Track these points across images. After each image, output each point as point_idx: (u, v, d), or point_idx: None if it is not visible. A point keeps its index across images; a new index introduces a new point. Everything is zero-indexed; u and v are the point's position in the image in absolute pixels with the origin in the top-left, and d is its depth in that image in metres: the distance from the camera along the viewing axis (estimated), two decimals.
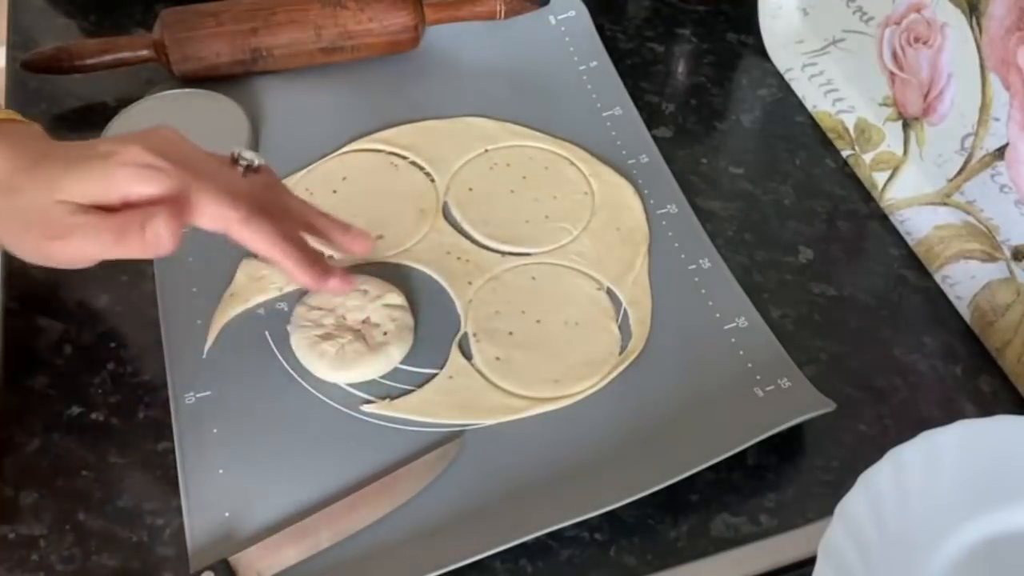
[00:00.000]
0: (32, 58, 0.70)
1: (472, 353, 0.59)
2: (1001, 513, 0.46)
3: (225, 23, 0.69)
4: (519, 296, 0.61)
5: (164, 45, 0.69)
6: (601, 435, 0.55)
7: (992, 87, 0.58)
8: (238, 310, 0.59)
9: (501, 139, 0.69)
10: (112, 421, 0.55)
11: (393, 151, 0.68)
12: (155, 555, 0.51)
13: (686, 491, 0.53)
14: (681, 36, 0.79)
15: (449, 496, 0.53)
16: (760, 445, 0.54)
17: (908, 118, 0.66)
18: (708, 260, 0.63)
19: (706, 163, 0.70)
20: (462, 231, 0.65)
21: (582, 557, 0.52)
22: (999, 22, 0.56)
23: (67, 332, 0.59)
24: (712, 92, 0.75)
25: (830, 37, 0.72)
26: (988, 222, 0.61)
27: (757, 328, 0.60)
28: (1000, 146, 0.58)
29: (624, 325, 0.60)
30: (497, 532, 0.50)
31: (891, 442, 0.47)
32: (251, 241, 0.50)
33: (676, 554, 0.52)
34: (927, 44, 0.62)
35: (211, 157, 0.52)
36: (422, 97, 0.72)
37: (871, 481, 0.46)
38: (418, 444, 0.55)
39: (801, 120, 0.73)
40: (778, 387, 0.57)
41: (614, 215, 0.65)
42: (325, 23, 0.70)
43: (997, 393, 0.59)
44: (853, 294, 0.63)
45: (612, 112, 0.72)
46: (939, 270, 0.64)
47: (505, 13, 0.74)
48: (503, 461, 0.54)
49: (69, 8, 0.78)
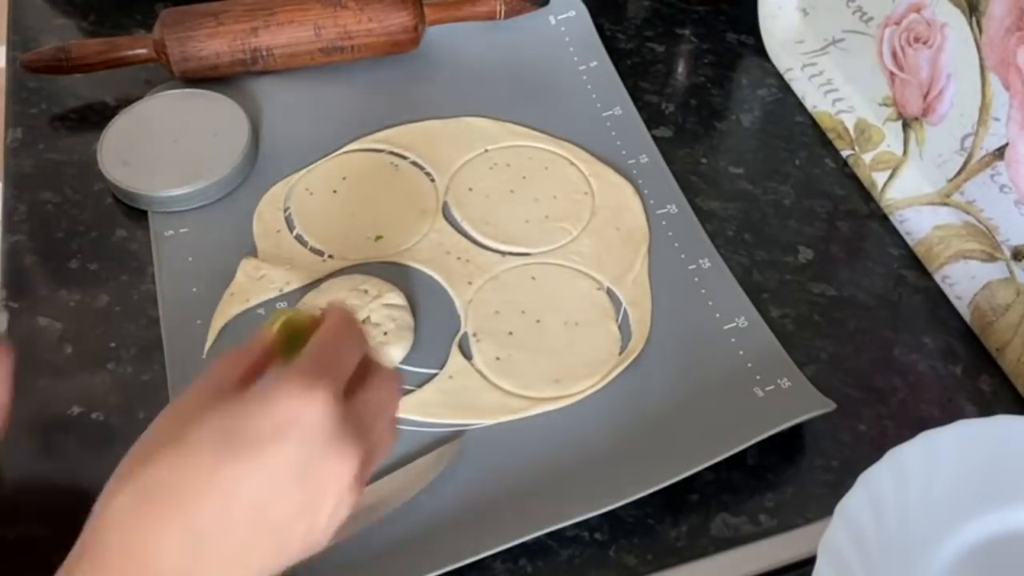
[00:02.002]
0: (32, 58, 0.70)
1: (472, 353, 0.59)
2: (1001, 513, 0.46)
3: (225, 23, 0.69)
4: (519, 296, 0.61)
5: (164, 45, 0.69)
6: (601, 435, 0.55)
7: (992, 87, 0.58)
8: (238, 310, 0.59)
9: (501, 139, 0.69)
10: (112, 421, 0.55)
11: (393, 151, 0.68)
12: None
13: (686, 491, 0.53)
14: (681, 36, 0.79)
15: (449, 496, 0.53)
16: (760, 445, 0.54)
17: (908, 118, 0.66)
18: (708, 260, 0.63)
19: (706, 163, 0.70)
20: (462, 231, 0.65)
21: (582, 557, 0.52)
22: (999, 22, 0.56)
23: (67, 332, 0.59)
24: (712, 92, 0.75)
25: (830, 37, 0.72)
26: (988, 222, 0.61)
27: (757, 328, 0.60)
28: (1000, 146, 0.58)
29: (624, 325, 0.60)
30: (497, 532, 0.50)
31: (891, 442, 0.47)
32: None
33: (676, 554, 0.52)
34: (927, 44, 0.62)
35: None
36: (422, 97, 0.72)
37: (871, 481, 0.46)
38: (418, 444, 0.55)
39: (801, 120, 0.73)
40: (778, 387, 0.57)
41: (614, 215, 0.65)
42: (325, 23, 0.70)
43: (997, 393, 0.59)
44: (853, 294, 0.63)
45: (612, 112, 0.72)
46: (939, 270, 0.64)
47: (505, 13, 0.74)
48: (503, 461, 0.54)
49: (69, 8, 0.78)
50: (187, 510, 0.37)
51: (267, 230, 0.64)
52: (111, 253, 0.63)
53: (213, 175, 0.64)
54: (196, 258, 0.61)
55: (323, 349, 0.41)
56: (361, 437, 0.40)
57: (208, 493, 0.37)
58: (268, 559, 0.39)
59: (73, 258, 0.62)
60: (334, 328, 0.42)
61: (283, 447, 0.37)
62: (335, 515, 0.40)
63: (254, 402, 0.38)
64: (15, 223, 0.64)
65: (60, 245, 0.63)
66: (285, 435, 0.38)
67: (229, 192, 0.65)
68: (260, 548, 0.38)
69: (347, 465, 0.39)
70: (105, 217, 0.64)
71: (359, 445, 0.39)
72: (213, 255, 0.62)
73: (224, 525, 0.37)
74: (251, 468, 0.37)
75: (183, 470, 0.37)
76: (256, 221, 0.64)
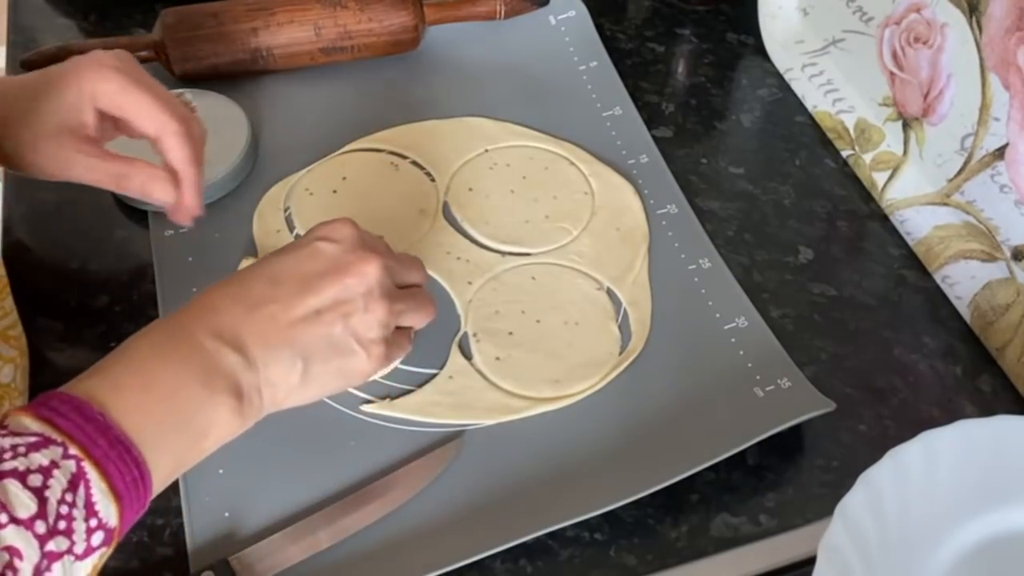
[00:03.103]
0: (32, 58, 0.69)
1: (472, 353, 0.59)
2: (1001, 513, 0.46)
3: (225, 23, 0.69)
4: (519, 296, 0.61)
5: (164, 45, 0.69)
6: (601, 435, 0.55)
7: (992, 87, 0.58)
8: None
9: (501, 139, 0.69)
10: None
11: (393, 151, 0.68)
12: (155, 555, 0.51)
13: (686, 491, 0.53)
14: (681, 36, 0.79)
15: (449, 496, 0.53)
16: (760, 445, 0.54)
17: (908, 118, 0.66)
18: (708, 260, 0.63)
19: (706, 163, 0.70)
20: (462, 231, 0.65)
21: (582, 557, 0.52)
22: (999, 22, 0.56)
23: (67, 332, 0.59)
24: (712, 92, 0.75)
25: (830, 37, 0.72)
26: (988, 222, 0.61)
27: (757, 328, 0.60)
28: (1000, 146, 0.58)
29: (624, 325, 0.60)
30: (497, 532, 0.50)
31: (891, 442, 0.47)
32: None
33: (676, 554, 0.52)
34: (927, 44, 0.62)
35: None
36: (422, 97, 0.72)
37: (871, 481, 0.46)
38: (418, 444, 0.55)
39: (801, 120, 0.73)
40: (778, 387, 0.57)
41: (614, 215, 0.65)
42: (325, 23, 0.70)
43: (997, 393, 0.59)
44: (853, 294, 0.63)
45: (612, 112, 0.72)
46: (939, 270, 0.64)
47: (505, 13, 0.74)
48: (503, 461, 0.54)
49: (69, 8, 0.78)
50: (243, 284, 0.48)
51: (267, 230, 0.64)
52: (111, 253, 0.63)
53: (213, 175, 0.64)
54: (196, 258, 0.61)
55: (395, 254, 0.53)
56: (386, 259, 0.50)
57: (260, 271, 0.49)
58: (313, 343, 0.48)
59: (73, 258, 0.62)
60: (404, 254, 0.55)
61: (316, 246, 0.50)
62: (368, 311, 0.49)
63: (316, 231, 0.51)
64: (15, 223, 0.64)
65: (60, 245, 0.63)
66: (320, 241, 0.50)
67: (229, 192, 0.65)
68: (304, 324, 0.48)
69: (372, 266, 0.49)
70: (105, 217, 0.64)
71: (381, 256, 0.50)
72: (213, 255, 0.62)
73: (270, 295, 0.47)
74: (294, 258, 0.49)
75: (243, 275, 0.49)
76: (256, 221, 0.64)
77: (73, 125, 0.53)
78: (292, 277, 0.48)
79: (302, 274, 0.48)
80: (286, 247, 0.51)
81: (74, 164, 0.53)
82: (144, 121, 0.53)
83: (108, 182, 0.54)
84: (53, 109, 0.52)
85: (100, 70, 0.52)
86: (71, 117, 0.53)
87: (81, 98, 0.52)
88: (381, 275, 0.49)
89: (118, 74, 0.52)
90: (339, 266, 0.49)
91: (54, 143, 0.53)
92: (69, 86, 0.52)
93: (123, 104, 0.53)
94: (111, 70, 0.52)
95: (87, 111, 0.53)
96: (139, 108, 0.53)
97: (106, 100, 0.53)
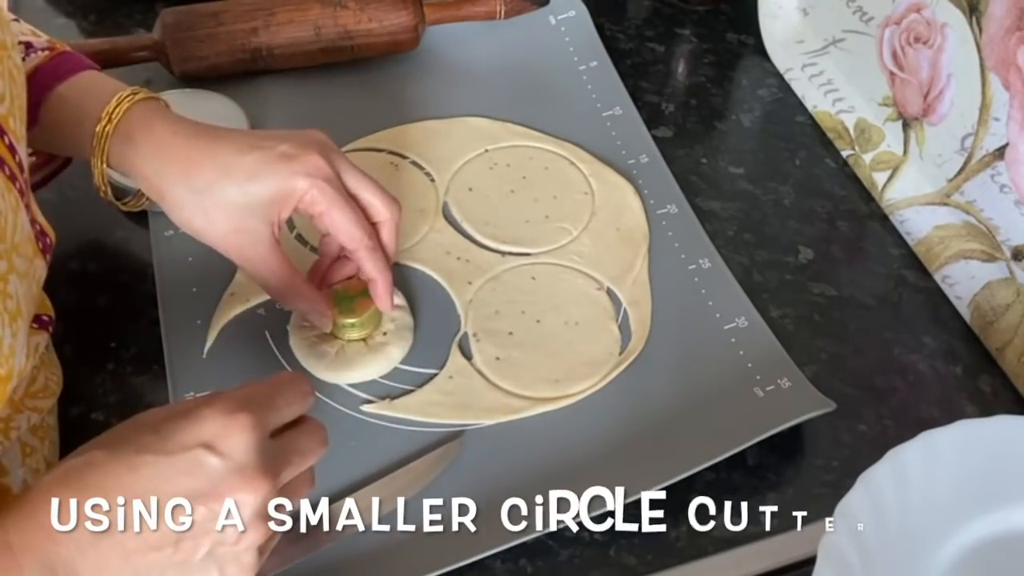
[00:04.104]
0: None
1: (472, 353, 0.59)
2: (1001, 513, 0.46)
3: (225, 23, 0.69)
4: (519, 296, 0.61)
5: (164, 45, 0.69)
6: (601, 435, 0.55)
7: (992, 87, 0.58)
8: (238, 310, 0.59)
9: (501, 139, 0.69)
10: (112, 421, 0.55)
11: (393, 151, 0.68)
12: None
13: (686, 491, 0.53)
14: (681, 36, 0.79)
15: (449, 496, 0.53)
16: (760, 445, 0.54)
17: (908, 118, 0.66)
18: (708, 260, 0.63)
19: (706, 163, 0.70)
20: (462, 231, 0.65)
21: (582, 557, 0.52)
22: (999, 22, 0.56)
23: (67, 332, 0.59)
24: (712, 92, 0.75)
25: (830, 37, 0.72)
26: (988, 222, 0.61)
27: (757, 328, 0.60)
28: (1000, 146, 0.58)
29: (624, 325, 0.60)
30: (497, 532, 0.50)
31: (891, 442, 0.47)
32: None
33: (676, 554, 0.52)
34: (927, 44, 0.62)
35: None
36: (422, 97, 0.72)
37: (871, 481, 0.46)
38: (418, 444, 0.55)
39: (801, 120, 0.73)
40: (778, 387, 0.57)
41: (614, 215, 0.65)
42: (325, 23, 0.70)
43: (997, 393, 0.59)
44: (853, 294, 0.63)
45: (612, 112, 0.72)
46: (939, 270, 0.64)
47: (505, 13, 0.74)
48: (503, 461, 0.54)
49: (69, 8, 0.78)
50: (102, 488, 0.39)
51: None
52: (111, 253, 0.63)
53: None
54: (196, 258, 0.61)
55: (259, 388, 0.43)
56: (275, 474, 0.41)
57: (118, 475, 0.40)
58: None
59: (73, 258, 0.62)
60: (279, 379, 0.44)
61: (197, 456, 0.40)
62: (240, 543, 0.41)
63: (183, 417, 0.41)
64: None
65: (60, 245, 0.63)
66: (203, 449, 0.40)
67: None
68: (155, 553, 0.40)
69: (253, 496, 0.40)
70: (105, 217, 0.64)
71: (270, 481, 0.41)
72: (213, 255, 0.61)
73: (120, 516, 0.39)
74: (167, 465, 0.40)
75: (110, 457, 0.40)
76: None
77: (269, 218, 0.53)
78: (157, 492, 0.39)
79: (170, 492, 0.39)
80: (168, 429, 0.41)
81: (244, 249, 0.53)
82: (342, 237, 0.54)
83: (270, 282, 0.54)
84: (253, 191, 0.52)
85: (315, 182, 0.52)
86: (269, 211, 0.52)
87: (289, 198, 0.52)
88: (265, 498, 0.41)
89: (330, 188, 0.52)
90: (217, 491, 0.40)
91: (235, 220, 0.52)
92: (279, 179, 0.52)
93: (325, 219, 0.53)
94: (325, 183, 0.52)
95: (287, 212, 0.53)
96: (339, 227, 0.53)
97: (311, 209, 0.53)
